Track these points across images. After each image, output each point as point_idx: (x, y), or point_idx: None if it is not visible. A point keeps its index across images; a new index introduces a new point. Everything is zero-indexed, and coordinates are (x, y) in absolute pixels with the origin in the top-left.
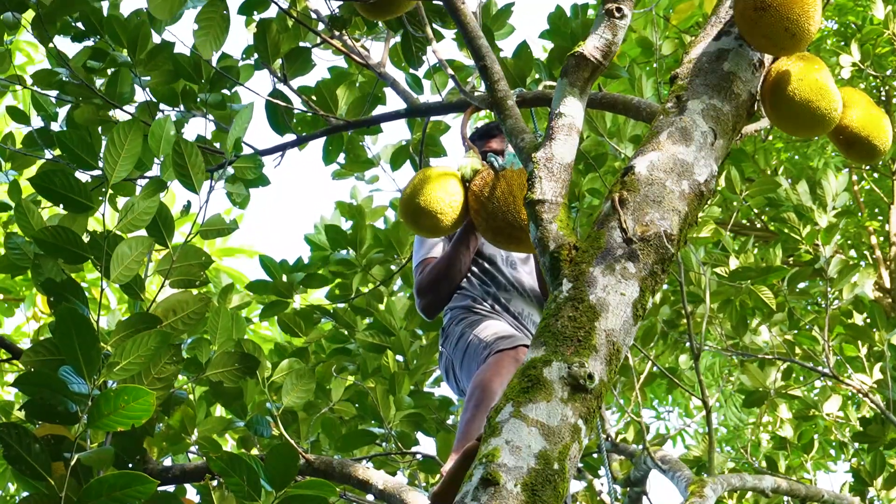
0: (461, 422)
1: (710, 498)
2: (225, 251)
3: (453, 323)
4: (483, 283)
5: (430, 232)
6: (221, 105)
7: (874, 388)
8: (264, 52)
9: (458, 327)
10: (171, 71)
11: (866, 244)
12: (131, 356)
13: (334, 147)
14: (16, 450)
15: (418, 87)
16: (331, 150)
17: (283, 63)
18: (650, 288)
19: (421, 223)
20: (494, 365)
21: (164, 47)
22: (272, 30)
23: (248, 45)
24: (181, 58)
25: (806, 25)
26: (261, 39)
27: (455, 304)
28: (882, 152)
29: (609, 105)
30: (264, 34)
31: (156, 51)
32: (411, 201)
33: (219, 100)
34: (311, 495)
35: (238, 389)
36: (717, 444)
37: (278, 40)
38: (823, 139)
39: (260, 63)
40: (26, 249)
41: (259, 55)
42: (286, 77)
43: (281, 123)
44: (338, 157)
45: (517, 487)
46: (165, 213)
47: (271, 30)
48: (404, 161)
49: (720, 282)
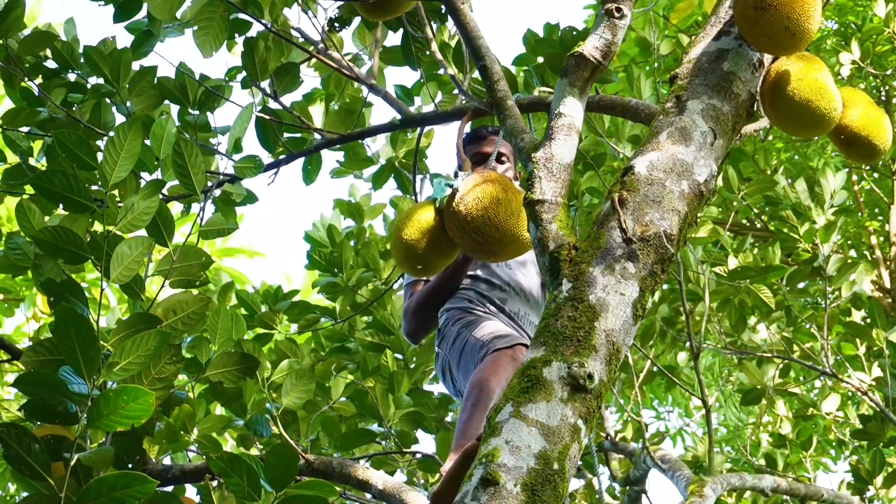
0: (459, 421)
1: (709, 497)
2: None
3: (450, 323)
4: (478, 284)
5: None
6: (207, 127)
7: (873, 385)
8: (252, 69)
9: (454, 327)
10: (156, 94)
11: (866, 244)
12: (131, 356)
13: (313, 166)
14: (15, 450)
15: (409, 98)
16: (310, 169)
17: (272, 80)
18: (650, 288)
19: (410, 269)
20: (492, 364)
21: (146, 72)
22: (259, 47)
23: (232, 67)
24: (166, 80)
25: (806, 25)
26: (248, 57)
27: (451, 304)
28: (882, 152)
29: (607, 107)
30: (252, 52)
31: (139, 76)
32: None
33: (205, 121)
34: (310, 495)
35: (238, 389)
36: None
37: (266, 58)
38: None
39: (248, 81)
40: (27, 249)
41: (247, 73)
42: (276, 94)
43: (271, 140)
44: (316, 176)
45: (517, 487)
46: (165, 213)
47: (258, 47)
48: (387, 178)
49: (719, 281)
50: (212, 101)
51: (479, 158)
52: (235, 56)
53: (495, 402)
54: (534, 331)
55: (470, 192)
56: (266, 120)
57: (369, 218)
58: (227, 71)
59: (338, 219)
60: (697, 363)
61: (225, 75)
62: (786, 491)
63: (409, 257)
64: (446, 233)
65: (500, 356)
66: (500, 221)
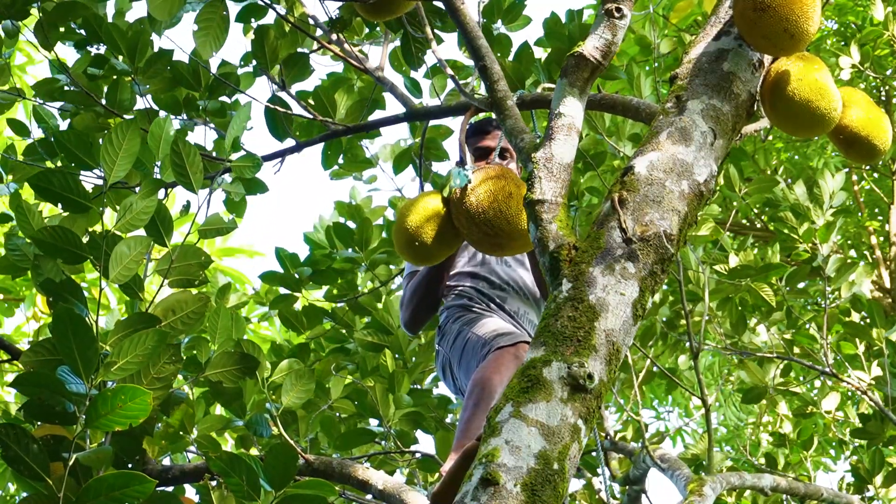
0: (461, 420)
1: (709, 496)
2: (224, 251)
3: (450, 321)
4: (478, 282)
5: (423, 261)
6: (221, 112)
7: (873, 385)
8: (262, 58)
9: (455, 325)
10: (170, 78)
11: (866, 244)
12: (129, 356)
13: (333, 152)
14: (14, 450)
15: (417, 90)
16: (329, 154)
17: (282, 69)
18: (650, 288)
19: (411, 256)
20: (494, 362)
21: (162, 55)
22: (270, 36)
23: (246, 52)
24: (180, 65)
25: (805, 26)
26: (259, 46)
27: (451, 302)
28: (882, 152)
29: (608, 106)
30: (262, 40)
31: (154, 58)
32: (396, 236)
33: (218, 107)
34: (310, 495)
35: (237, 389)
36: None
37: (276, 46)
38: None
39: (259, 69)
40: (26, 250)
41: (257, 61)
42: (285, 83)
43: (280, 129)
44: (337, 162)
45: (517, 487)
46: (164, 212)
47: (269, 36)
48: (406, 165)
49: (719, 280)
50: (223, 88)
51: (482, 153)
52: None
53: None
54: (533, 329)
55: (482, 184)
56: (275, 110)
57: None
58: (243, 56)
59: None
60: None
61: (240, 60)
62: (786, 490)
63: (411, 244)
64: (451, 223)
65: (502, 354)
66: (511, 215)
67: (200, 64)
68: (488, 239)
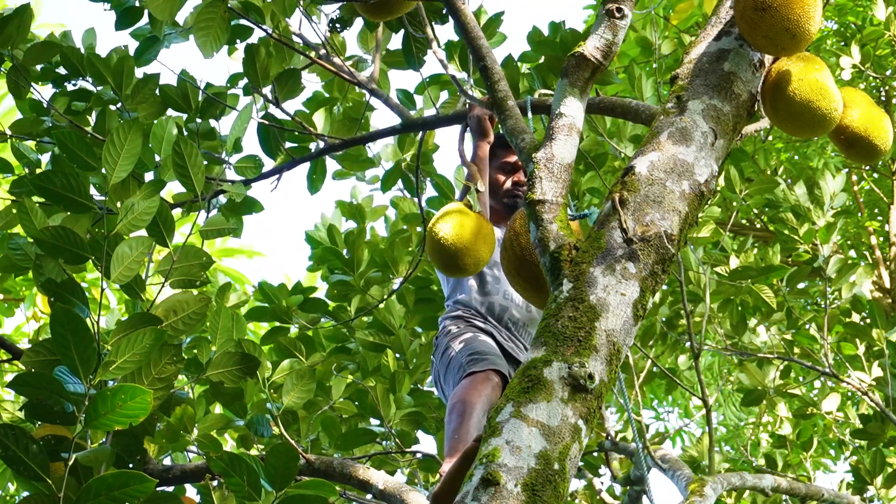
0: (447, 432)
1: (709, 497)
2: (225, 251)
3: (442, 335)
4: (475, 295)
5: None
6: (211, 135)
7: (873, 385)
8: (254, 76)
9: (445, 339)
10: (159, 102)
11: (866, 244)
12: (126, 354)
13: (318, 175)
14: (13, 450)
15: (410, 102)
16: (315, 178)
17: (275, 86)
18: (650, 288)
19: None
20: (469, 385)
21: (149, 80)
22: (261, 54)
23: (234, 74)
24: (168, 88)
25: (806, 26)
26: (250, 64)
27: (449, 314)
28: (882, 152)
29: (608, 109)
30: (253, 58)
31: (141, 84)
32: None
33: (208, 129)
34: (311, 495)
35: (238, 389)
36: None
37: (267, 64)
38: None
39: (250, 87)
40: (27, 250)
41: (248, 79)
42: (278, 100)
43: (273, 146)
44: (322, 186)
45: (517, 487)
46: (166, 213)
47: (260, 54)
48: (395, 182)
49: (720, 281)
50: (214, 109)
51: (510, 168)
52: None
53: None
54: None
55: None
56: (268, 126)
57: (371, 220)
58: (229, 78)
59: (339, 220)
60: (698, 363)
61: (227, 82)
62: (786, 490)
63: (462, 263)
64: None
65: (473, 380)
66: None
67: (189, 83)
68: (531, 282)
